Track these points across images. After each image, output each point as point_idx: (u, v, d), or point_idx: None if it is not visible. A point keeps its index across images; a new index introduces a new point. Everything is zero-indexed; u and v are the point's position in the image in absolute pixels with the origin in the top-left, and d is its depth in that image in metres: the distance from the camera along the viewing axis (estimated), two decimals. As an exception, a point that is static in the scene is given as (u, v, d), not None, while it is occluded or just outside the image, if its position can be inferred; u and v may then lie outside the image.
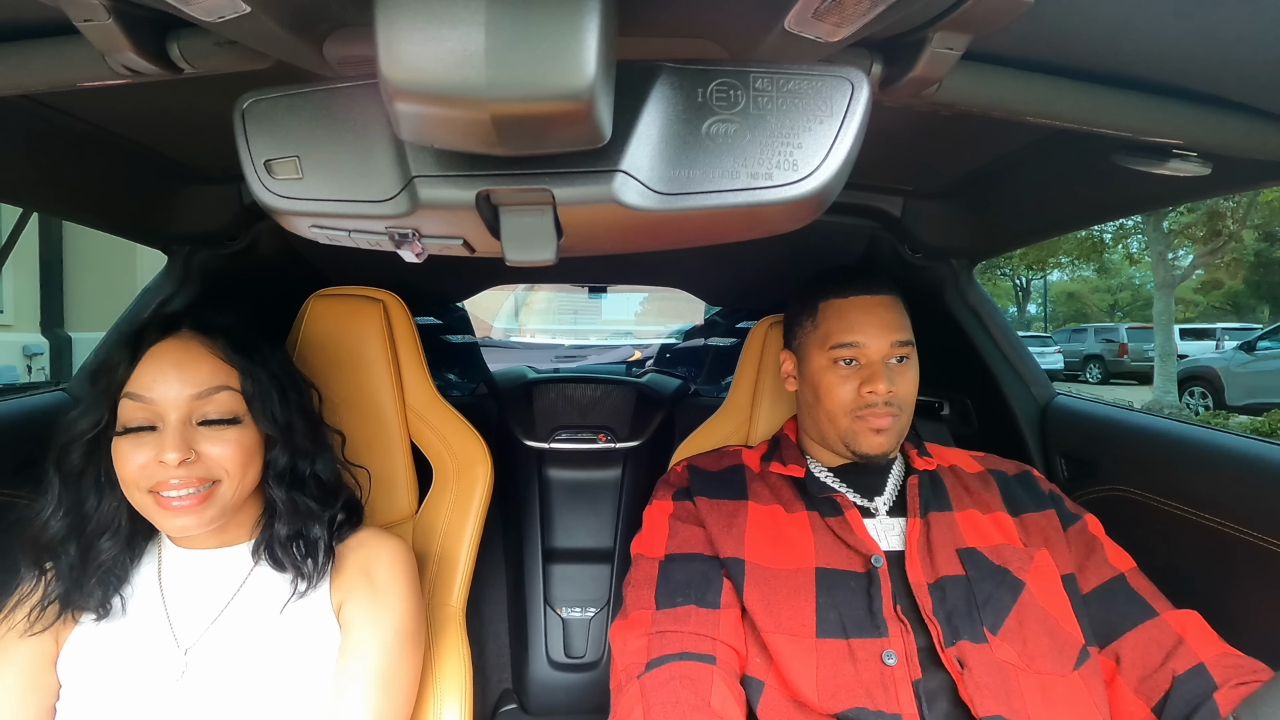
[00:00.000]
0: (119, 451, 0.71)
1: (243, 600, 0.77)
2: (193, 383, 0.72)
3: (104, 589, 0.74)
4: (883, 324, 0.87)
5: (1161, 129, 0.62)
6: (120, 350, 0.73)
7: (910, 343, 0.89)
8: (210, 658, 0.74)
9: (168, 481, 0.69)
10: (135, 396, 0.71)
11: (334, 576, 0.80)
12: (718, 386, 2.24)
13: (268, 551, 0.78)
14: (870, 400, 0.86)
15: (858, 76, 0.44)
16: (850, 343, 0.88)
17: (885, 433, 0.86)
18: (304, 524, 0.78)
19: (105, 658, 0.73)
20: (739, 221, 0.46)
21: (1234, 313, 22.04)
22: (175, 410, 0.71)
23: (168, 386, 0.71)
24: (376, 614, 0.78)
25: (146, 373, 0.71)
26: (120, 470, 0.71)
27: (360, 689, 0.74)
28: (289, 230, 0.51)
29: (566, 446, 1.60)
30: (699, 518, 0.90)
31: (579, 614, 1.55)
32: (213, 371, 0.73)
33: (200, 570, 0.78)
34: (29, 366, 6.21)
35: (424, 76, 0.35)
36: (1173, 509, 1.02)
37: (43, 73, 0.54)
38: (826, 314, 0.90)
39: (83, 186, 0.92)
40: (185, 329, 0.75)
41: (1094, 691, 0.76)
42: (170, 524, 0.71)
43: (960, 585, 0.80)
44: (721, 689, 0.74)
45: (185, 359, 0.72)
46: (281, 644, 0.75)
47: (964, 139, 0.88)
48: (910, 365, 0.89)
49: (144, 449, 0.70)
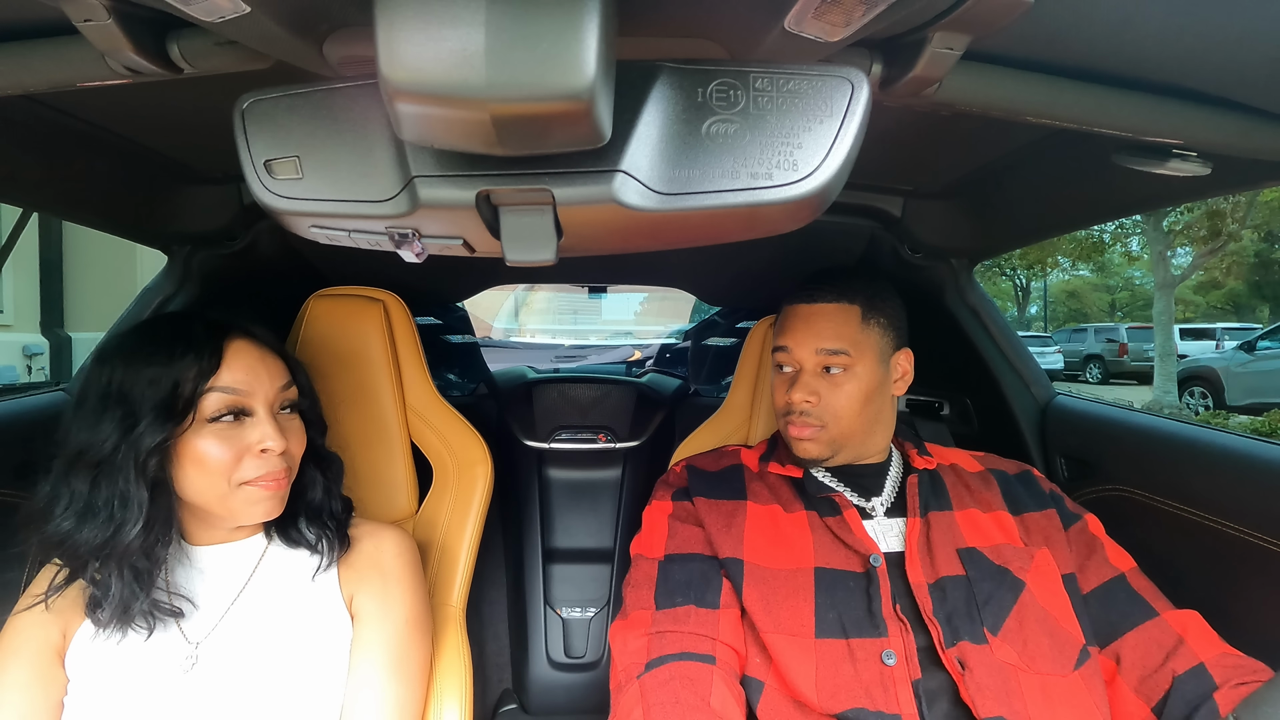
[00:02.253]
0: (205, 445, 0.71)
1: (255, 587, 0.78)
2: (275, 375, 0.76)
3: (146, 592, 0.72)
4: (813, 332, 0.88)
5: (1161, 129, 0.62)
6: (187, 355, 0.71)
7: (843, 353, 0.87)
8: (220, 650, 0.74)
9: (269, 472, 0.73)
10: (230, 389, 0.72)
11: (343, 567, 0.81)
12: (718, 386, 2.24)
13: (280, 532, 0.80)
14: (789, 408, 0.89)
15: (858, 76, 0.44)
16: (781, 347, 0.91)
17: (805, 441, 0.89)
18: (328, 498, 0.83)
19: (114, 654, 0.73)
20: (739, 221, 0.46)
21: (1234, 313, 22.04)
22: (266, 403, 0.74)
23: (259, 380, 0.74)
24: (388, 604, 0.80)
25: (237, 367, 0.73)
26: (210, 464, 0.71)
27: (376, 678, 0.76)
28: (289, 230, 0.51)
29: (566, 446, 1.60)
30: (698, 518, 0.90)
31: (579, 614, 1.55)
32: (282, 367, 0.78)
33: (211, 565, 0.78)
34: (29, 366, 6.21)
35: (424, 76, 0.35)
36: (1173, 509, 1.01)
37: (43, 73, 0.54)
38: (780, 317, 0.94)
39: (83, 186, 0.92)
40: (239, 329, 0.77)
41: (1094, 692, 0.76)
42: (259, 510, 0.74)
43: (960, 585, 0.80)
44: (721, 689, 0.74)
45: (264, 355, 0.76)
46: (292, 635, 0.76)
47: (964, 139, 0.88)
48: (847, 378, 0.87)
49: (235, 440, 0.72)
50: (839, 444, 0.90)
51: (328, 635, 0.77)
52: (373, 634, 0.78)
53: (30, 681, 0.72)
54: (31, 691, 0.71)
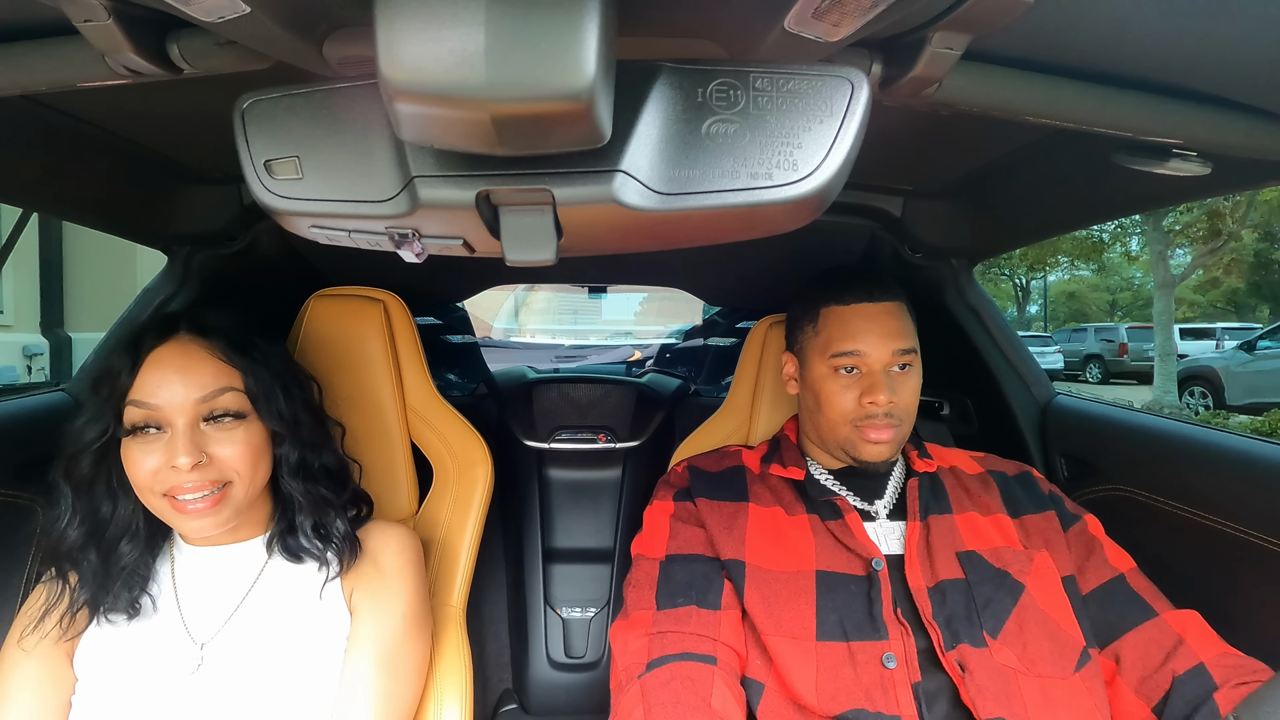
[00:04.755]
0: (129, 457, 0.71)
1: (258, 594, 0.78)
2: (197, 386, 0.72)
3: (130, 590, 0.75)
4: (885, 332, 0.86)
5: (1161, 128, 0.62)
6: (120, 357, 0.73)
7: (913, 350, 0.88)
8: (226, 651, 0.75)
9: (182, 486, 0.70)
10: (140, 404, 0.71)
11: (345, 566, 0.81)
12: (718, 386, 2.24)
13: (282, 544, 0.79)
14: (870, 411, 0.85)
15: (858, 76, 0.44)
16: (851, 351, 0.86)
17: (884, 444, 0.86)
18: (322, 514, 0.80)
19: (121, 653, 0.74)
20: (739, 221, 0.46)
21: (1234, 313, 22.04)
22: (182, 415, 0.71)
23: (172, 392, 0.71)
24: (383, 599, 0.79)
25: (149, 379, 0.71)
26: (133, 476, 0.71)
27: (367, 671, 0.75)
28: (289, 230, 0.51)
29: (566, 446, 1.60)
30: (700, 518, 0.90)
31: (579, 614, 1.55)
32: (215, 374, 0.73)
33: (214, 566, 0.79)
34: (29, 367, 6.21)
35: (424, 77, 0.35)
36: (1173, 509, 1.01)
37: (43, 73, 0.54)
38: (828, 320, 0.89)
39: (83, 186, 0.92)
40: (183, 331, 0.75)
41: (1095, 694, 0.76)
42: (187, 526, 0.72)
43: (960, 589, 0.80)
44: (722, 690, 0.74)
45: (187, 363, 0.72)
46: (297, 635, 0.76)
47: (964, 139, 0.88)
48: (913, 373, 0.88)
49: (154, 454, 0.70)
50: (904, 441, 0.89)
51: (331, 635, 0.77)
52: (367, 629, 0.78)
53: (40, 678, 0.72)
54: (42, 688, 0.72)
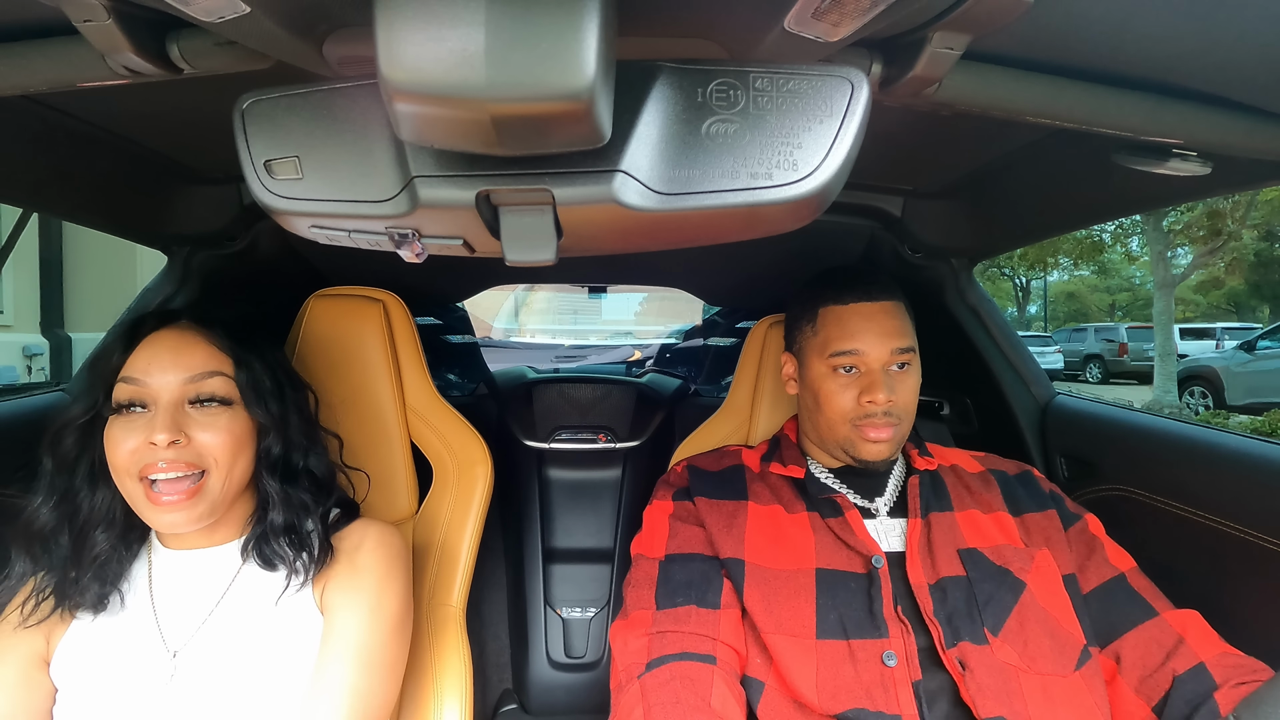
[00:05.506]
0: (111, 435, 0.71)
1: (231, 601, 0.76)
2: (186, 367, 0.72)
3: (100, 584, 0.74)
4: (883, 331, 0.86)
5: (1161, 128, 0.62)
6: (118, 339, 0.74)
7: (911, 349, 0.88)
8: (199, 660, 0.73)
9: (156, 464, 0.69)
10: (130, 380, 0.71)
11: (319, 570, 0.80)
12: (718, 386, 2.24)
13: (256, 549, 0.77)
14: (869, 410, 0.85)
15: (858, 76, 0.44)
16: (849, 350, 0.86)
17: (884, 442, 0.86)
18: (296, 517, 0.78)
19: (96, 661, 0.73)
20: (739, 221, 0.46)
21: (1234, 313, 22.04)
22: (167, 392, 0.71)
23: (162, 370, 0.72)
24: (355, 594, 0.77)
25: (142, 357, 0.72)
26: (111, 455, 0.71)
27: (338, 667, 0.73)
28: (289, 230, 0.51)
29: (566, 446, 1.60)
30: (699, 518, 0.90)
31: (579, 614, 1.55)
32: (207, 357, 0.74)
33: (189, 571, 0.77)
34: (29, 367, 6.21)
35: (424, 77, 0.35)
36: (1173, 509, 1.01)
37: (43, 73, 0.54)
38: (826, 320, 0.89)
39: (83, 186, 0.92)
40: (184, 320, 0.76)
41: (1095, 692, 0.76)
42: (160, 519, 0.71)
43: (961, 586, 0.80)
44: (722, 689, 0.74)
45: (181, 345, 0.74)
46: (269, 642, 0.75)
47: (964, 139, 0.88)
48: (911, 372, 0.88)
49: (135, 432, 0.70)
50: (904, 439, 0.89)
51: (304, 640, 0.76)
52: (339, 624, 0.75)
53: (15, 685, 0.72)
54: (15, 695, 0.71)
